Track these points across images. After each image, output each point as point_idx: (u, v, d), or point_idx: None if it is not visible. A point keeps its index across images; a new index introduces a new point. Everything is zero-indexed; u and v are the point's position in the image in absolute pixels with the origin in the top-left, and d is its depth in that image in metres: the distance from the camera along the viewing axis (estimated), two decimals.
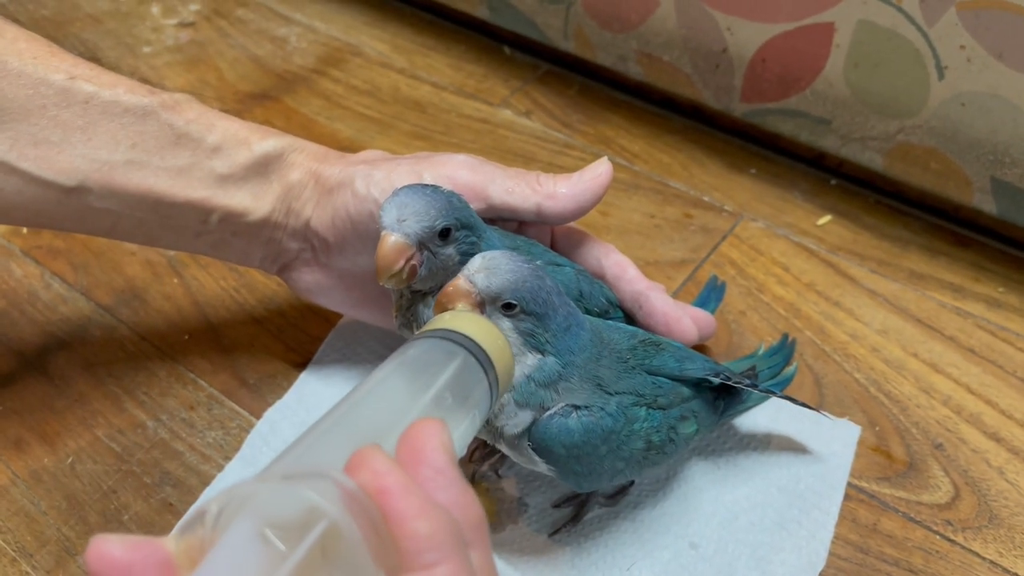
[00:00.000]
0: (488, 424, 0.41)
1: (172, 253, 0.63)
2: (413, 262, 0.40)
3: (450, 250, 0.41)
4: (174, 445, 0.52)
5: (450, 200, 0.41)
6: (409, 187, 0.41)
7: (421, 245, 0.40)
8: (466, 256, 0.42)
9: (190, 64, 0.80)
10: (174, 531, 0.26)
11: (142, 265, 0.62)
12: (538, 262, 0.40)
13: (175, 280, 0.61)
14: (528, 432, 0.40)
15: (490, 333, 0.36)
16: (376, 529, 0.25)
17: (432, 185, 0.42)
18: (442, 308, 0.38)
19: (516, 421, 0.40)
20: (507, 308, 0.38)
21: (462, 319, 0.36)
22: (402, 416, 0.31)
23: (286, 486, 0.25)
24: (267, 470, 0.27)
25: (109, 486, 0.50)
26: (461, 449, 0.34)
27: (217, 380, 0.55)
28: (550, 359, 0.39)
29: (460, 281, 0.38)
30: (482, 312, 0.38)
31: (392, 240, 0.39)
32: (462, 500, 0.27)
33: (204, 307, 0.60)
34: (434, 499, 0.26)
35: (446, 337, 0.35)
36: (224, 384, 0.55)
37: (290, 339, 0.58)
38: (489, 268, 0.38)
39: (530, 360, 0.39)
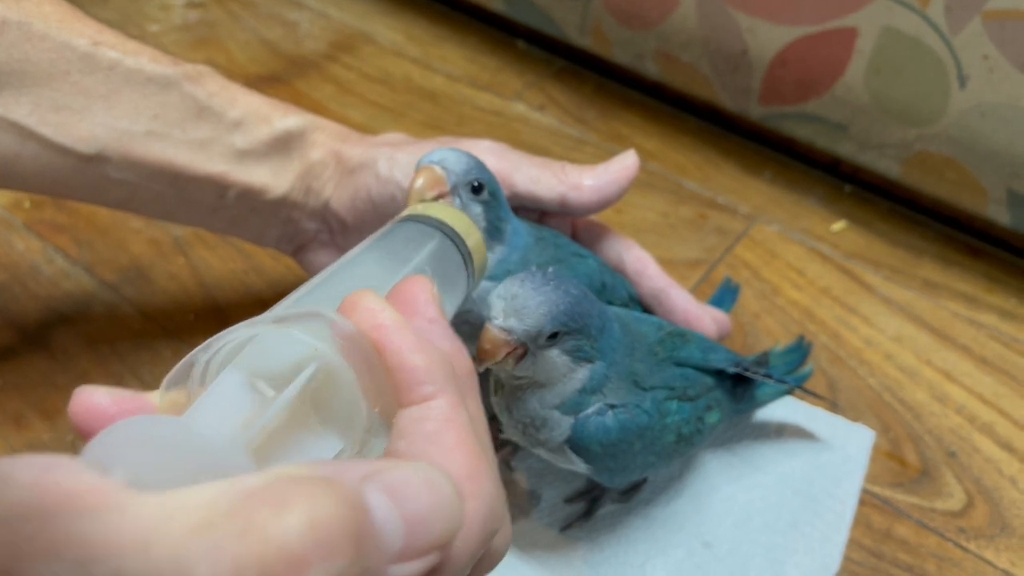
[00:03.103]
0: (528, 435, 0.40)
1: (178, 232, 0.62)
2: (444, 198, 0.40)
3: (479, 208, 0.41)
4: None
5: (486, 167, 0.41)
6: (447, 148, 0.41)
7: (455, 189, 0.40)
8: (492, 225, 0.41)
9: (199, 44, 0.79)
10: (162, 385, 0.25)
11: (147, 243, 0.61)
12: (550, 269, 0.40)
13: (181, 259, 0.60)
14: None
15: (461, 219, 0.36)
16: (370, 368, 0.25)
17: (467, 151, 0.41)
18: (484, 357, 0.36)
19: (561, 431, 0.39)
20: (551, 337, 0.36)
21: (433, 208, 0.37)
22: (383, 282, 0.30)
23: (277, 328, 0.25)
24: (258, 317, 0.25)
25: None
26: None
27: None
28: (598, 364, 0.38)
29: (494, 332, 0.35)
30: (526, 350, 0.36)
31: (429, 172, 0.40)
32: (454, 350, 0.27)
33: (211, 288, 0.59)
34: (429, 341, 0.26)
35: (420, 221, 0.35)
36: None
37: None
38: (518, 310, 0.35)
39: (581, 373, 0.38)
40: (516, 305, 0.35)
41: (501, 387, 0.40)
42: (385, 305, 0.26)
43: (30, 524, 0.17)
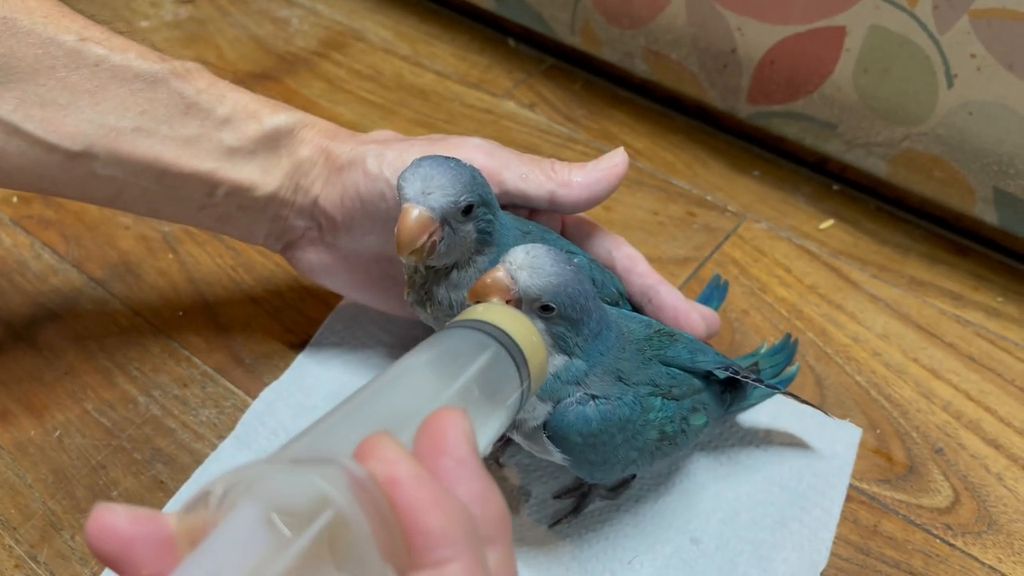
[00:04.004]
0: None
1: (167, 228, 0.62)
2: (435, 237, 0.39)
3: (469, 227, 0.40)
4: (166, 422, 0.51)
5: (474, 175, 0.40)
6: (432, 159, 0.40)
7: (443, 220, 0.39)
8: (483, 234, 0.41)
9: (189, 41, 0.79)
10: (179, 509, 0.25)
11: (136, 239, 0.61)
12: (575, 259, 0.39)
13: (170, 256, 0.60)
14: (545, 421, 0.39)
15: (525, 327, 0.34)
16: (384, 522, 0.24)
17: (454, 158, 0.41)
18: (476, 298, 0.36)
19: (536, 414, 0.39)
20: (544, 310, 0.36)
21: (496, 311, 0.34)
22: (424, 405, 0.29)
23: (292, 470, 0.24)
24: (278, 452, 0.25)
25: (98, 461, 0.49)
26: (486, 447, 0.32)
27: (212, 358, 0.54)
28: (577, 361, 0.38)
29: (500, 274, 0.36)
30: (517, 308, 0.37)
31: (416, 213, 0.38)
32: (484, 494, 0.25)
33: (200, 284, 0.59)
34: (452, 492, 0.25)
35: (478, 328, 0.32)
36: (219, 362, 0.54)
37: (287, 320, 0.57)
38: (533, 266, 0.36)
39: (557, 360, 0.38)
40: (534, 263, 0.36)
41: None
42: (402, 454, 0.24)
43: None
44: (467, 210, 0.39)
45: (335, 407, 0.28)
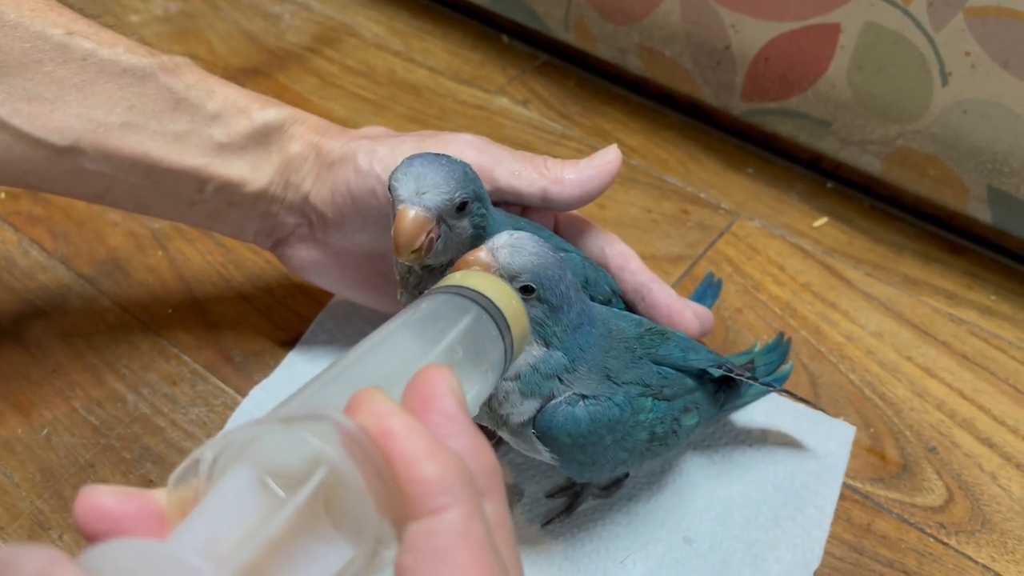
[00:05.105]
0: (491, 411, 0.40)
1: (156, 225, 0.61)
2: (432, 236, 0.39)
3: (465, 223, 0.40)
4: (155, 420, 0.50)
5: (466, 171, 0.40)
6: (423, 157, 0.40)
7: (439, 219, 0.39)
8: (479, 229, 0.40)
9: (179, 36, 0.78)
10: (169, 482, 0.24)
11: (125, 236, 0.61)
12: (568, 256, 0.39)
13: (159, 253, 0.60)
14: (533, 420, 0.39)
15: (504, 291, 0.34)
16: (380, 475, 0.23)
17: (445, 155, 0.40)
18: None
19: (521, 410, 0.39)
20: (524, 291, 0.37)
21: (475, 277, 0.34)
22: (410, 367, 0.28)
23: (284, 429, 0.24)
24: (267, 415, 0.25)
25: (86, 459, 0.48)
26: (473, 409, 0.32)
27: (201, 356, 0.54)
28: (556, 353, 0.38)
29: (482, 253, 0.36)
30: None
31: (412, 214, 0.38)
32: (475, 448, 0.25)
33: (189, 281, 0.58)
34: (443, 444, 0.24)
35: (458, 293, 0.33)
36: (209, 360, 0.53)
37: (278, 317, 0.56)
38: (514, 246, 0.36)
39: (536, 351, 0.38)
40: (516, 243, 0.36)
41: None
42: (393, 407, 0.24)
43: None
44: (462, 207, 0.39)
45: (319, 374, 0.28)
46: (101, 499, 0.23)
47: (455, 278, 0.34)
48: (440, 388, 0.26)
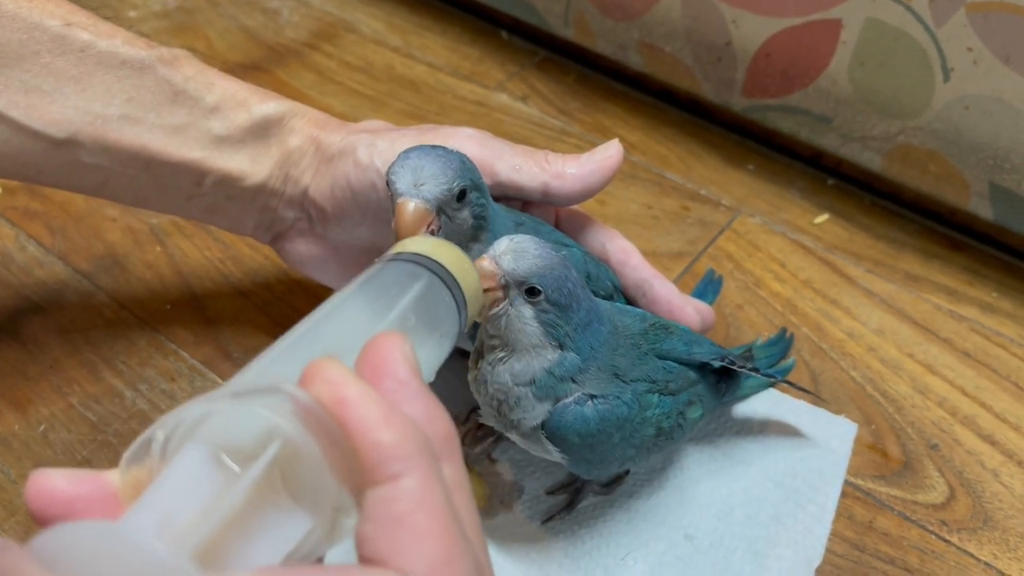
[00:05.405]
0: (502, 416, 0.39)
1: (155, 221, 0.61)
2: (432, 228, 0.38)
3: (465, 213, 0.40)
4: (153, 416, 0.50)
5: (463, 161, 0.40)
6: (419, 149, 0.39)
7: (439, 210, 0.38)
8: (479, 220, 0.40)
9: (177, 31, 0.78)
10: (121, 462, 0.24)
11: (123, 232, 0.60)
12: (563, 252, 0.39)
13: (157, 248, 0.59)
14: (543, 422, 0.39)
15: (454, 255, 0.33)
16: (336, 443, 0.23)
17: (441, 147, 0.40)
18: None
19: (534, 414, 0.39)
20: (531, 294, 0.36)
21: (424, 242, 0.33)
22: (362, 335, 0.28)
23: (236, 403, 0.23)
24: (218, 390, 0.25)
25: (84, 456, 0.48)
26: (429, 374, 0.32)
27: (200, 352, 0.53)
28: (570, 354, 0.38)
29: (485, 262, 0.36)
30: (505, 296, 0.37)
31: (412, 207, 0.37)
32: (429, 412, 0.25)
33: (188, 277, 0.58)
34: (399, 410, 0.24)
35: (408, 260, 0.32)
36: (207, 356, 0.53)
37: (276, 313, 0.56)
38: (516, 251, 0.36)
39: (550, 355, 0.38)
40: (518, 248, 0.36)
41: (479, 359, 0.40)
42: (347, 375, 0.24)
43: None
44: (461, 196, 0.39)
45: (272, 344, 0.28)
46: (52, 482, 0.23)
47: (406, 244, 0.34)
48: (393, 355, 0.25)
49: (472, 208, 0.40)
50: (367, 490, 0.23)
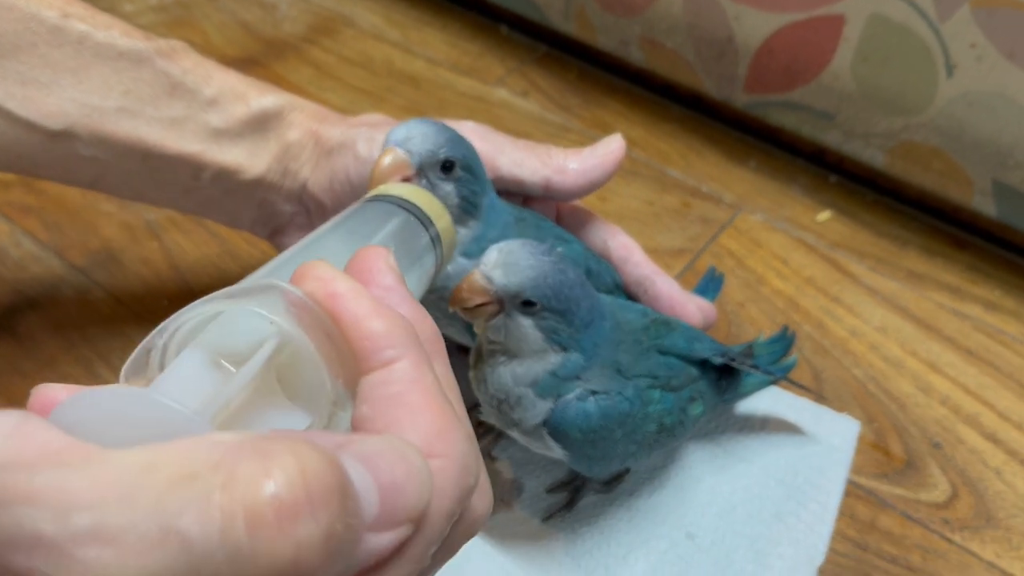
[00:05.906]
0: (503, 415, 0.39)
1: (151, 216, 0.60)
2: (409, 177, 0.38)
3: (450, 187, 0.39)
4: None
5: (460, 138, 0.39)
6: (421, 119, 0.39)
7: (421, 170, 0.38)
8: (467, 204, 0.40)
9: (174, 25, 0.77)
10: (120, 376, 0.24)
11: (119, 227, 0.60)
12: (558, 248, 0.38)
13: (154, 244, 0.59)
14: (545, 419, 0.38)
15: (426, 197, 0.35)
16: (329, 337, 0.24)
17: (444, 122, 0.40)
18: (458, 305, 0.36)
19: (536, 411, 0.38)
20: (527, 305, 0.36)
21: (399, 187, 0.35)
22: (345, 258, 0.29)
23: (232, 303, 0.24)
24: (213, 294, 0.25)
25: None
26: None
27: None
28: (574, 355, 0.37)
29: (476, 277, 0.35)
30: (500, 309, 0.36)
31: (393, 156, 0.37)
32: (415, 314, 0.26)
33: (184, 272, 0.57)
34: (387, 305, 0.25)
35: (383, 201, 0.34)
36: None
37: None
38: (507, 263, 0.35)
39: (553, 358, 0.37)
40: (508, 259, 0.35)
41: (479, 359, 0.39)
42: (337, 273, 0.25)
43: (8, 471, 0.17)
44: (448, 167, 0.38)
45: (262, 267, 0.28)
46: (54, 394, 0.23)
47: (378, 189, 0.35)
48: (378, 264, 0.27)
49: (458, 186, 0.39)
50: (361, 378, 0.24)
